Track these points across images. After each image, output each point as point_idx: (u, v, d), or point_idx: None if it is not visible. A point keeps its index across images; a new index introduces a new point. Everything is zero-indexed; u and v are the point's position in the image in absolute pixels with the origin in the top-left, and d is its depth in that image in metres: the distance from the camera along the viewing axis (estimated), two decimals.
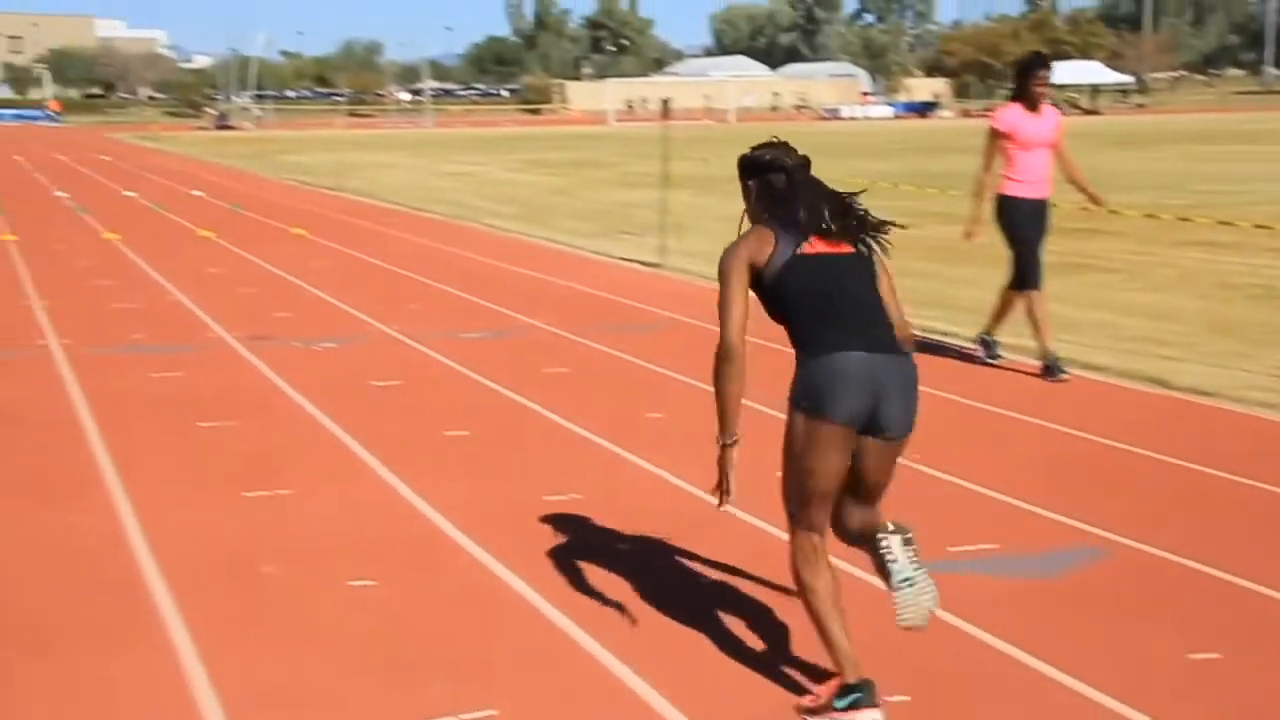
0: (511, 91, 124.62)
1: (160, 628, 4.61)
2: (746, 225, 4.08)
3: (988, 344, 9.27)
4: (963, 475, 6.39)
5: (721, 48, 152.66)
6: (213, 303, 11.67)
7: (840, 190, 4.08)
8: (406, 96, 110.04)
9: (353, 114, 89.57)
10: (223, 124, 72.69)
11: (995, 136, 8.87)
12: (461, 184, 28.04)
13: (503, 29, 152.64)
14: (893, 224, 4.03)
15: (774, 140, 4.18)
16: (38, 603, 4.83)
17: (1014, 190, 8.83)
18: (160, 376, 8.67)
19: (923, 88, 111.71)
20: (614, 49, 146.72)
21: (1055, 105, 9.33)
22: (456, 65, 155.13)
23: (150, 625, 4.63)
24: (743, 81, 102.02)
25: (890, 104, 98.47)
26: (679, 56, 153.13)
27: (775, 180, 4.05)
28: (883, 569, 3.95)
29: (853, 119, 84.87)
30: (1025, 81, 8.80)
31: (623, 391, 8.43)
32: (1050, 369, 8.67)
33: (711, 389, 3.96)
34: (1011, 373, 8.91)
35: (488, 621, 4.68)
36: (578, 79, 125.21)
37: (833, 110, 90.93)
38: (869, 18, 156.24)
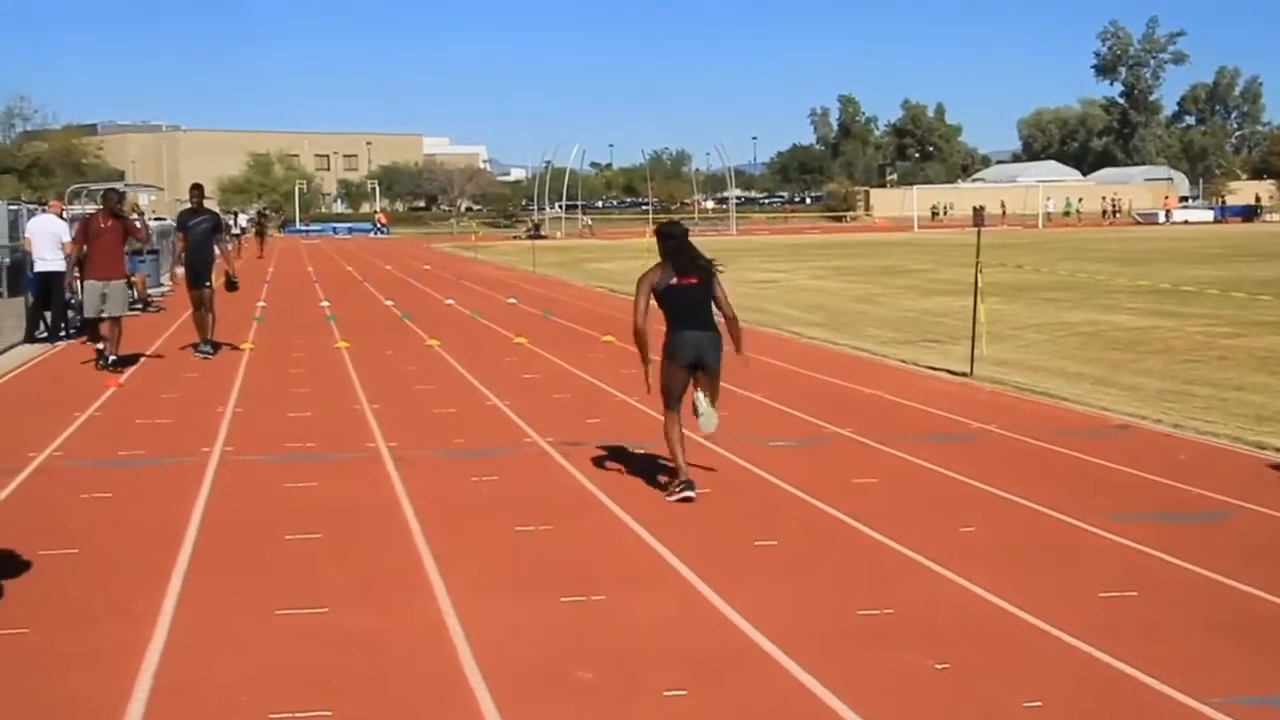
0: (815, 199, 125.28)
1: None
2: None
3: None
4: None
5: (1030, 153, 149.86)
6: (527, 408, 12.07)
7: (698, 251, 8.52)
8: (711, 205, 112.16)
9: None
10: (535, 233, 75.60)
11: None
12: (765, 291, 28.27)
13: (807, 138, 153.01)
14: (717, 266, 8.52)
15: (675, 220, 8.68)
16: (367, 701, 5.03)
17: None
18: (479, 480, 9.00)
19: (1246, 190, 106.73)
20: (919, 155, 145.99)
21: None
22: (761, 174, 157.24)
23: None
24: (1051, 187, 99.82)
25: (1210, 207, 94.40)
26: (986, 162, 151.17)
27: (670, 243, 8.49)
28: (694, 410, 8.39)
29: (1171, 224, 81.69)
30: None
31: (933, 503, 8.26)
32: None
33: (634, 347, 8.67)
34: None
35: None
36: (882, 186, 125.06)
37: (1148, 215, 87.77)
38: (1189, 119, 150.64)
